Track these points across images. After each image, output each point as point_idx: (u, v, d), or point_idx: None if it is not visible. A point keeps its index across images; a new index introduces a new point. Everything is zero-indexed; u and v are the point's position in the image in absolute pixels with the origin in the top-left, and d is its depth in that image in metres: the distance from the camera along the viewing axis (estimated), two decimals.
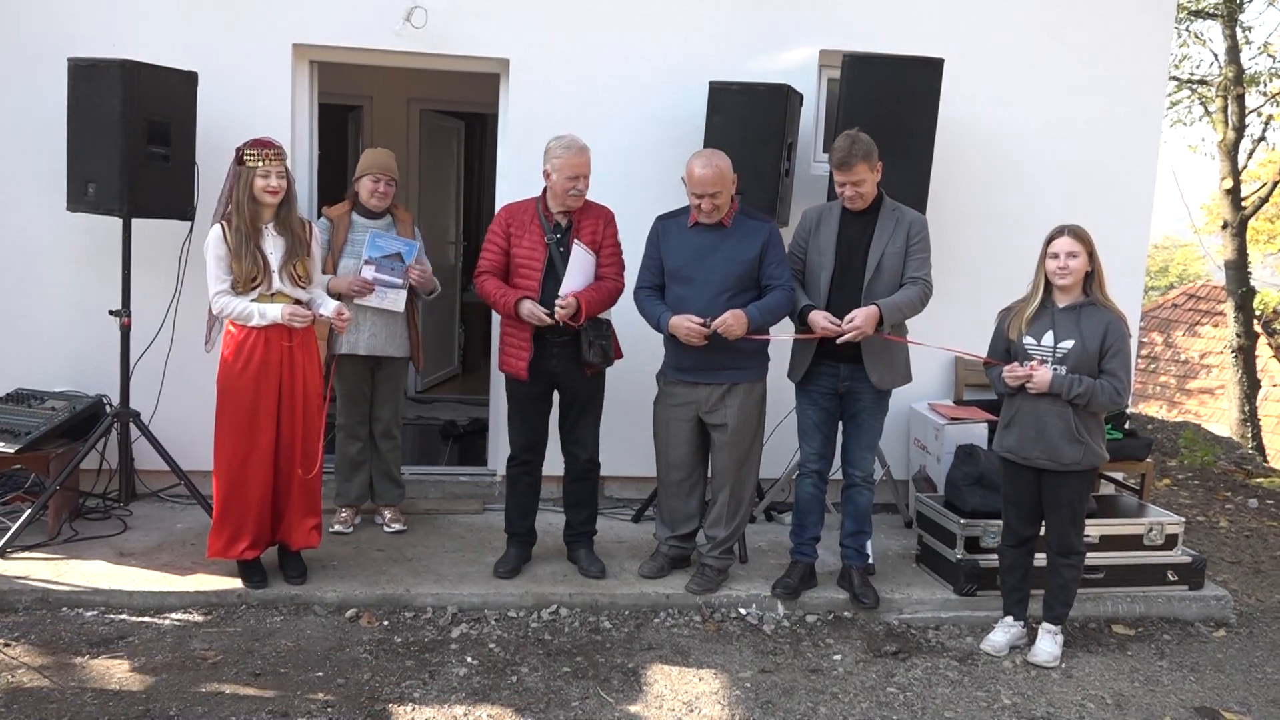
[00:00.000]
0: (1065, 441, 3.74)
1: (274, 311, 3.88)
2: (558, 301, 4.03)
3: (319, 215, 4.88)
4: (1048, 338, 3.78)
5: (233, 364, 3.90)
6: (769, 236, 4.11)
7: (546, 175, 4.14)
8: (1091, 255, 3.73)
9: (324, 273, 4.31)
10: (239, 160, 3.86)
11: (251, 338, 3.90)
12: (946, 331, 5.39)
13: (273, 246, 3.93)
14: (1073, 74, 5.41)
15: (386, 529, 4.77)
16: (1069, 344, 3.73)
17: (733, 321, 3.97)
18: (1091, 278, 3.76)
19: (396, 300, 4.50)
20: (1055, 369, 3.74)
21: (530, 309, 4.03)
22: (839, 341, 3.98)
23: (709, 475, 4.43)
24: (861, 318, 3.93)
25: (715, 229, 4.11)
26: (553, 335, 4.10)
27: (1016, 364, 3.79)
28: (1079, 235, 3.74)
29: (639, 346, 4.52)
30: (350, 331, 4.51)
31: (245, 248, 3.85)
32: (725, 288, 4.06)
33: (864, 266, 4.07)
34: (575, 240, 4.12)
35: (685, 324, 4.00)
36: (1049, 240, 3.79)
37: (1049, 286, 3.81)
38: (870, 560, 4.39)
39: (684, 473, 4.33)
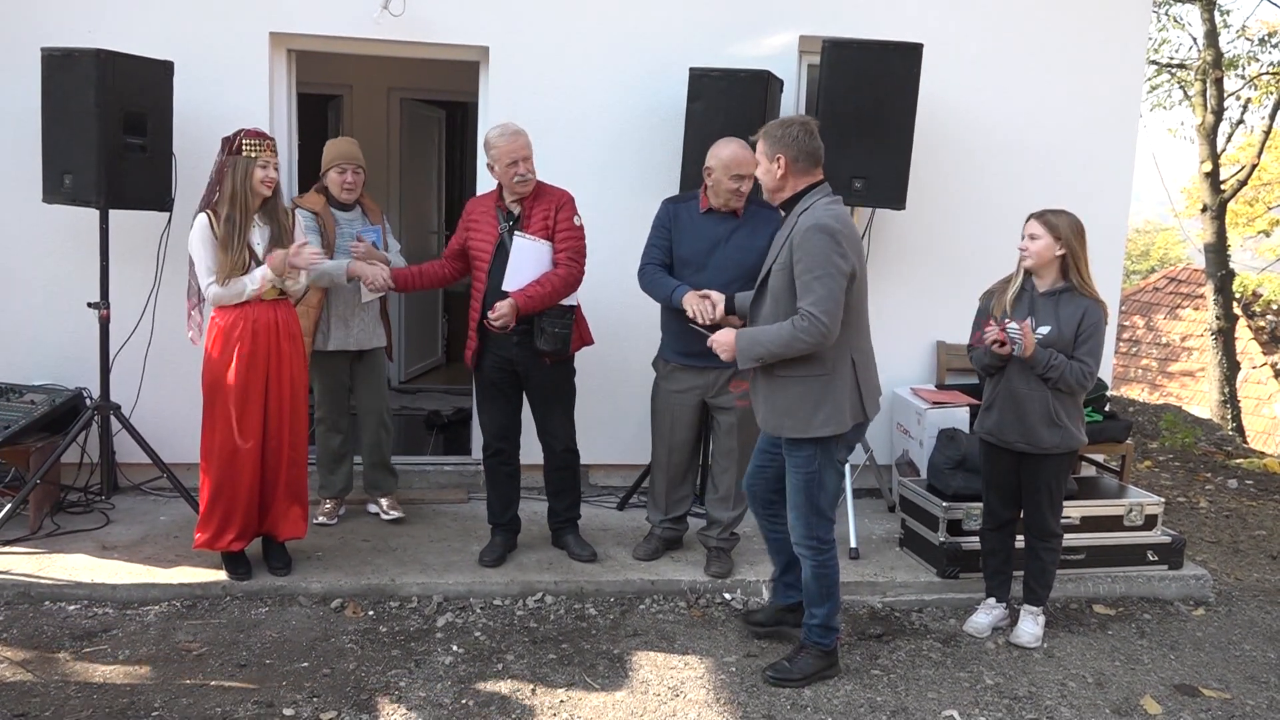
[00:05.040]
0: (1044, 425, 3.77)
1: (260, 271, 3.86)
2: (490, 314, 4.01)
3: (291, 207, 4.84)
4: (1030, 321, 3.80)
5: (220, 358, 3.88)
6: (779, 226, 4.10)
7: (490, 169, 4.12)
8: (1061, 240, 3.72)
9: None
10: (235, 150, 3.83)
11: (238, 330, 3.88)
12: (928, 317, 5.45)
13: (259, 236, 3.92)
14: (1051, 58, 5.43)
15: (384, 516, 4.75)
16: (1046, 330, 3.76)
17: (723, 342, 3.50)
18: (1068, 263, 3.76)
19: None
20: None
21: (384, 281, 4.19)
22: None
23: (703, 459, 4.43)
24: (719, 337, 3.46)
25: (727, 217, 4.08)
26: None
27: (991, 328, 3.77)
28: (1045, 220, 3.75)
29: (623, 333, 4.52)
30: (338, 328, 4.52)
31: (234, 238, 3.84)
32: (738, 276, 4.04)
33: (761, 283, 3.50)
34: (517, 232, 4.08)
35: (697, 302, 3.83)
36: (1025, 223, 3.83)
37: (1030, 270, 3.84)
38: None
39: (684, 456, 4.33)
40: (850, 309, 3.32)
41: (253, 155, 3.82)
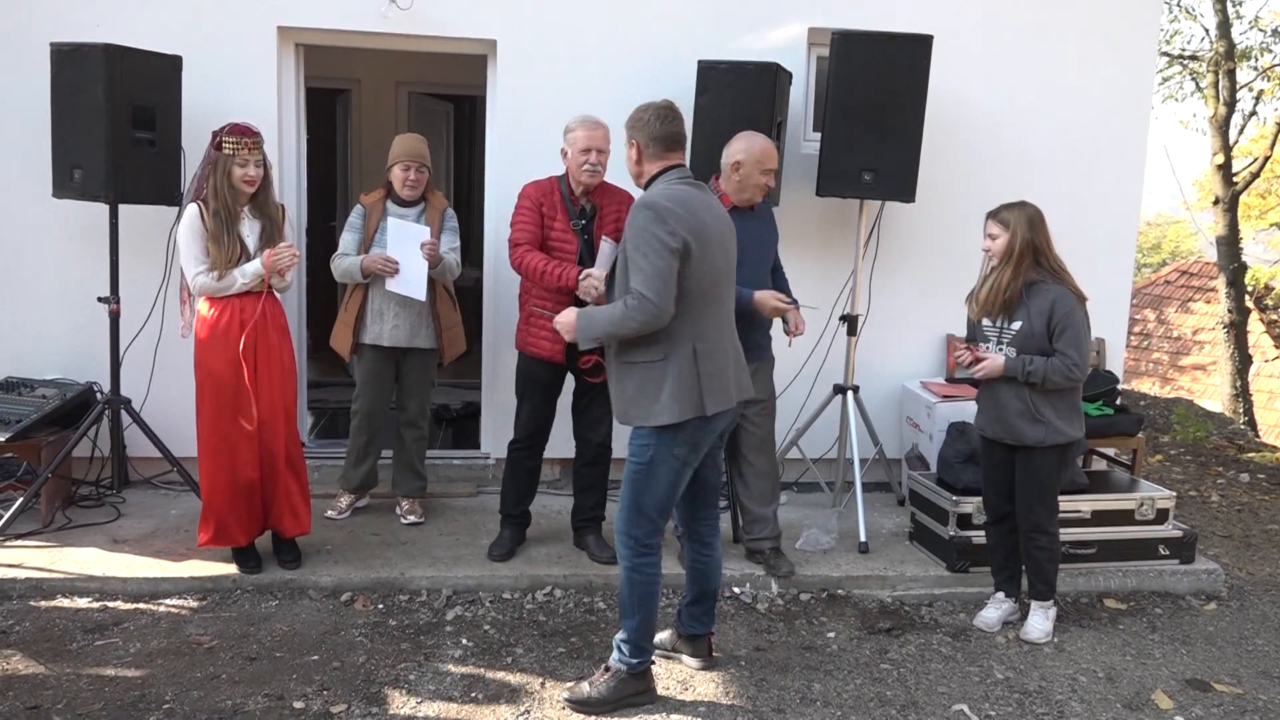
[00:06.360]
0: (1024, 421, 3.76)
1: (253, 266, 3.87)
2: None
3: (302, 201, 4.83)
4: (1001, 318, 3.81)
5: (208, 351, 3.89)
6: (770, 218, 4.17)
7: (564, 155, 4.09)
8: (1018, 235, 3.70)
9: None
10: (217, 146, 3.84)
11: (225, 318, 3.89)
12: (937, 311, 5.42)
13: (249, 230, 3.93)
14: (1062, 50, 5.39)
15: (403, 520, 4.69)
16: (1017, 325, 3.76)
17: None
18: (1032, 255, 3.72)
19: (418, 288, 4.37)
20: (1005, 350, 3.78)
21: (590, 284, 3.84)
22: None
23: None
24: (561, 317, 3.32)
25: (745, 213, 4.07)
26: None
27: (963, 348, 3.87)
28: (1000, 217, 3.77)
29: None
30: (374, 321, 4.49)
31: (224, 231, 3.85)
32: (764, 271, 4.12)
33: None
34: (604, 236, 4.04)
35: (774, 301, 3.98)
36: None
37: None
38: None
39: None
40: (691, 294, 3.11)
41: (230, 153, 3.82)
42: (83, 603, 3.88)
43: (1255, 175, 12.59)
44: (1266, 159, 12.55)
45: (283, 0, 4.89)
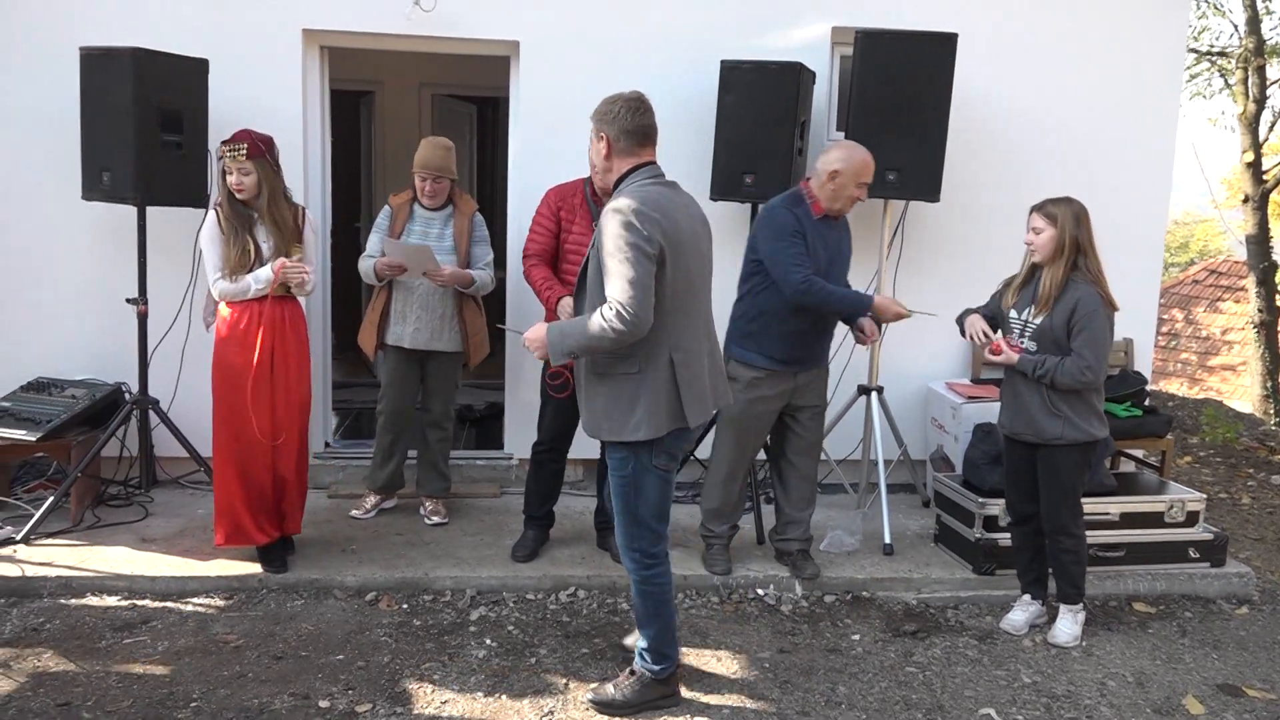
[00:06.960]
0: (1044, 415, 3.74)
1: (265, 273, 3.91)
2: None
3: (326, 202, 4.84)
4: (1028, 312, 3.80)
5: (227, 343, 3.93)
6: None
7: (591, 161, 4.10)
8: (1064, 229, 3.68)
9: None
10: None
11: (245, 320, 3.92)
12: (957, 310, 5.37)
13: (265, 235, 3.97)
14: (1089, 47, 5.34)
15: (427, 520, 4.71)
16: (1040, 319, 3.74)
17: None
18: (1074, 252, 3.70)
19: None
20: (1026, 344, 3.77)
21: (567, 308, 3.90)
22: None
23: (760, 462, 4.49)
24: (530, 334, 3.14)
25: (833, 222, 4.06)
26: None
27: (985, 338, 3.87)
28: (1046, 211, 3.73)
29: None
30: (397, 323, 4.52)
31: (236, 236, 3.90)
32: (842, 282, 4.14)
33: (582, 275, 3.24)
34: None
35: (895, 307, 4.05)
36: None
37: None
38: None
39: (751, 462, 4.32)
40: (666, 300, 2.98)
41: (220, 160, 3.90)
42: (111, 601, 3.92)
43: None
44: None
45: (307, 3, 4.92)
